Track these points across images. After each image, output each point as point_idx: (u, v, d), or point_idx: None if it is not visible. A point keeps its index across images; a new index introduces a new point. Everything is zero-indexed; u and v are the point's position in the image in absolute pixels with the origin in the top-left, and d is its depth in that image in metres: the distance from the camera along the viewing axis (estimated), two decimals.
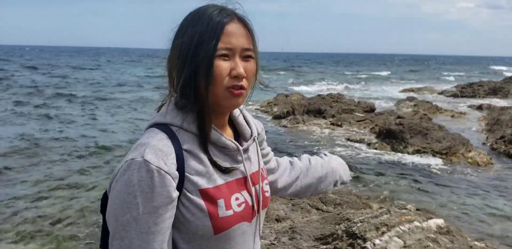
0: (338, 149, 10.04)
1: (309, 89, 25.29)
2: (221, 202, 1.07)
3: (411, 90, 26.39)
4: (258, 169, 1.23)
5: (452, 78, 41.11)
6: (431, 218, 4.11)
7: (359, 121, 12.70)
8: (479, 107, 17.28)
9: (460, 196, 7.00)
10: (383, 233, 3.81)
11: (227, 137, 1.13)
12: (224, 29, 1.04)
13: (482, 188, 7.41)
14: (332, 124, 12.74)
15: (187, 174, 1.03)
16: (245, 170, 1.17)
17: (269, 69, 45.73)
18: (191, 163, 1.05)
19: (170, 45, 1.10)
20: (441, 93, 24.44)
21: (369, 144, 10.29)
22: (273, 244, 4.06)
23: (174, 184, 0.99)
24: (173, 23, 1.12)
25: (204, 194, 1.05)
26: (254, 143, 1.25)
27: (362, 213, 4.35)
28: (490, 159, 9.18)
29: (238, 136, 1.23)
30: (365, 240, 3.71)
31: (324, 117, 13.58)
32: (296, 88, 25.11)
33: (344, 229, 4.02)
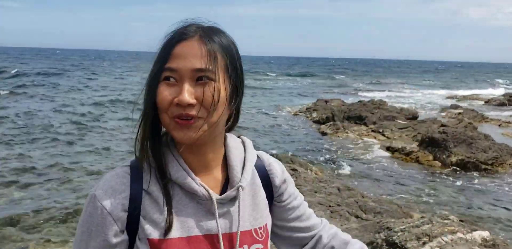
0: (379, 157, 9.89)
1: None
2: None
3: (456, 98, 25.69)
4: (245, 228, 0.99)
5: (499, 86, 39.73)
6: (475, 230, 3.99)
7: (401, 129, 12.46)
8: None
9: (506, 208, 6.75)
10: (424, 243, 3.73)
11: (199, 181, 0.93)
12: (173, 50, 0.89)
13: None
14: (373, 131, 12.55)
15: (141, 218, 0.90)
16: (217, 226, 0.93)
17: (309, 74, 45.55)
18: (147, 207, 0.90)
19: None
20: (488, 101, 23.65)
21: (411, 152, 10.08)
22: None
23: (115, 228, 0.88)
24: None
25: (154, 245, 0.89)
26: (240, 194, 0.98)
27: (403, 222, 4.26)
28: None
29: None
30: None
31: (365, 124, 13.40)
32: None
33: (384, 238, 3.96)
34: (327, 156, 9.66)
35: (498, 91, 28.39)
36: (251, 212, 1.01)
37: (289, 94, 25.18)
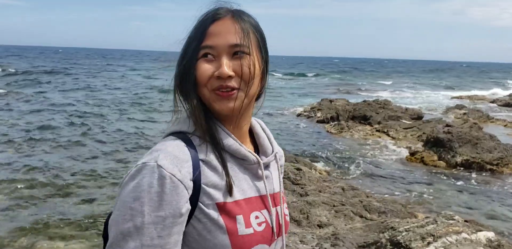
0: (384, 156, 9.86)
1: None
2: (240, 218, 0.97)
3: (461, 98, 25.58)
4: (279, 189, 1.14)
5: (504, 86, 39.54)
6: (480, 231, 3.97)
7: (406, 128, 12.42)
8: None
9: (511, 211, 6.70)
10: (429, 243, 3.72)
11: (246, 148, 1.04)
12: (208, 29, 0.98)
13: None
14: (378, 131, 12.52)
15: (203, 185, 0.95)
16: (265, 187, 1.07)
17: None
18: (208, 174, 0.96)
19: None
20: (493, 102, 23.55)
21: (415, 152, 10.05)
22: None
23: (186, 195, 0.90)
24: None
25: (222, 208, 0.96)
26: (275, 162, 1.17)
27: (408, 222, 4.25)
28: None
29: (258, 152, 1.13)
30: None
31: (370, 124, 13.36)
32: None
33: (388, 237, 3.95)
34: (332, 156, 9.64)
35: (507, 93, 28.16)
36: (277, 177, 1.17)
37: (293, 94, 25.14)
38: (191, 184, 0.92)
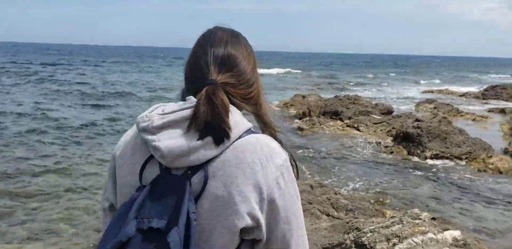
0: (353, 152, 9.79)
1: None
2: None
3: (431, 92, 25.87)
4: None
5: (474, 80, 40.30)
6: (447, 229, 3.87)
7: (376, 123, 12.40)
8: (502, 111, 16.76)
9: (479, 205, 6.68)
10: (394, 244, 3.60)
11: None
12: None
13: (503, 197, 7.07)
14: (349, 126, 12.46)
15: None
16: None
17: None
18: None
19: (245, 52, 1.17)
20: (463, 95, 23.90)
21: (385, 147, 10.02)
22: None
23: None
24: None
25: None
26: None
27: (373, 222, 4.13)
28: None
29: None
30: None
31: (341, 119, 13.30)
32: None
33: (353, 239, 3.82)
34: (301, 152, 9.51)
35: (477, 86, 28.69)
36: None
37: (275, 89, 24.70)
38: None
